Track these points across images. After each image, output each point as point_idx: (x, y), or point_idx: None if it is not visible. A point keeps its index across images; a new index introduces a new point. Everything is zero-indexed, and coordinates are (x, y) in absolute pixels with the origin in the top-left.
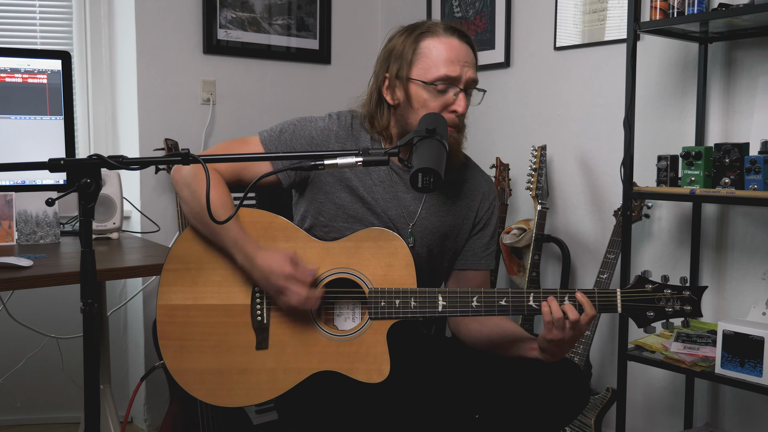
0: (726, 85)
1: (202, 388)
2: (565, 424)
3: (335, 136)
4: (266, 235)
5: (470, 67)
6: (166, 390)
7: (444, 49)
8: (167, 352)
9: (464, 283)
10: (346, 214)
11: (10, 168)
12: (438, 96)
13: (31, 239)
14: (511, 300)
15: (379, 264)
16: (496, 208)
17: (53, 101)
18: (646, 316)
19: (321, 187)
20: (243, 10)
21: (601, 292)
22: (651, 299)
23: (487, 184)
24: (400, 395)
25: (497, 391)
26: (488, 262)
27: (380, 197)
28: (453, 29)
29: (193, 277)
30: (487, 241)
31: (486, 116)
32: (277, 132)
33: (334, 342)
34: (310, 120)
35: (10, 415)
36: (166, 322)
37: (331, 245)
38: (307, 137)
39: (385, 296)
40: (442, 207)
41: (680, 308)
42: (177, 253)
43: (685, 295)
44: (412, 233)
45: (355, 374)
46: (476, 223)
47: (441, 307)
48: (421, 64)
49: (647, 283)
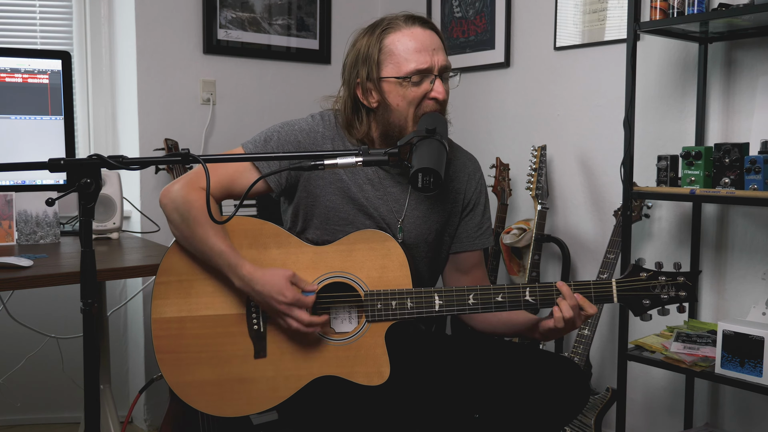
0: (726, 85)
1: (203, 400)
2: (565, 423)
3: (321, 136)
4: (257, 242)
5: (439, 53)
6: (166, 390)
7: (409, 41)
8: (165, 365)
9: (460, 264)
10: (337, 217)
11: (10, 168)
12: (413, 88)
13: (31, 239)
14: (507, 296)
15: (373, 266)
16: (484, 186)
17: (54, 101)
18: (642, 304)
19: (311, 191)
20: (243, 10)
21: (597, 283)
22: (646, 287)
23: (471, 164)
24: (400, 395)
25: (497, 390)
26: (483, 241)
27: (371, 195)
28: (413, 18)
29: (186, 288)
30: (479, 220)
31: (486, 116)
32: (262, 141)
33: (332, 346)
34: (293, 123)
35: (10, 415)
36: (161, 336)
37: (324, 249)
38: (293, 141)
39: (381, 298)
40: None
41: (675, 294)
42: (168, 265)
43: (679, 281)
44: (401, 228)
45: (355, 378)
46: (465, 205)
47: (438, 306)
48: (390, 62)
49: (642, 271)
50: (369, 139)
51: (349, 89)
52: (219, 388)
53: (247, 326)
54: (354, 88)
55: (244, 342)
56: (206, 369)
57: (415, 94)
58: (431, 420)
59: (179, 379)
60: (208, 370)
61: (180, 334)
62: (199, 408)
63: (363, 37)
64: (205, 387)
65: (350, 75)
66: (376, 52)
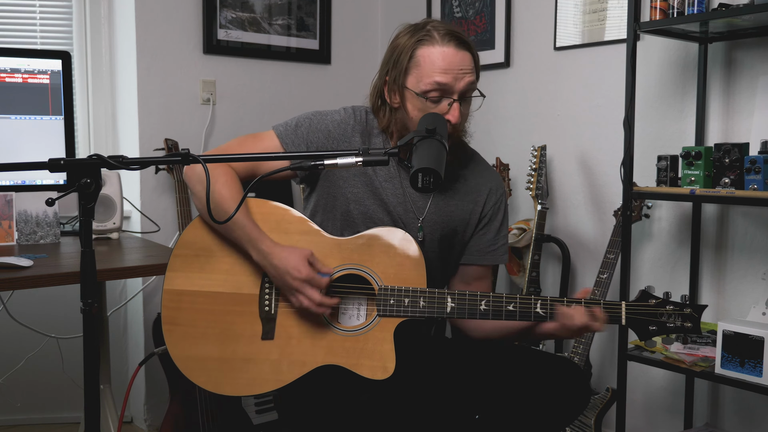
0: (726, 85)
1: (204, 376)
2: (566, 424)
3: (352, 129)
4: (279, 228)
5: (466, 75)
6: (166, 390)
7: (438, 59)
8: (171, 337)
9: (465, 277)
10: (357, 210)
11: (10, 168)
12: (431, 105)
13: (31, 239)
14: (519, 306)
15: (390, 263)
16: (505, 204)
17: (54, 101)
18: (648, 329)
19: (334, 182)
20: (243, 10)
21: (607, 304)
22: (653, 314)
23: (494, 181)
24: (400, 395)
25: (497, 391)
26: (493, 257)
27: (390, 193)
28: (451, 34)
29: (202, 263)
30: (493, 236)
31: (486, 116)
32: (293, 126)
33: (340, 337)
34: (325, 114)
35: (10, 415)
36: (171, 308)
37: (344, 241)
38: (324, 130)
39: (394, 294)
40: (450, 201)
41: (681, 324)
42: (187, 238)
43: (686, 312)
44: (421, 228)
45: (360, 370)
46: (482, 218)
47: (449, 309)
48: (414, 74)
49: (651, 297)
50: (389, 132)
51: (380, 81)
52: (222, 365)
53: (259, 307)
54: (383, 84)
55: (254, 322)
56: (212, 345)
57: (432, 110)
58: (432, 420)
59: (183, 352)
60: (213, 346)
61: (190, 308)
62: (199, 383)
63: (404, 35)
64: (208, 362)
65: (383, 70)
66: (406, 59)
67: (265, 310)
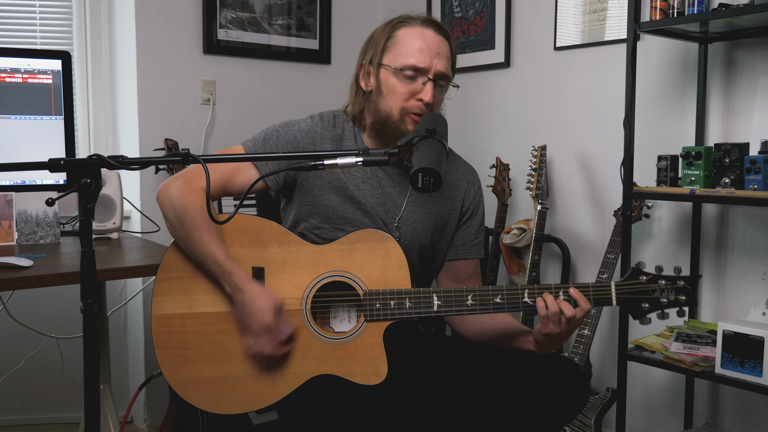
0: (726, 85)
1: (201, 397)
2: (565, 423)
3: (320, 136)
4: (258, 240)
5: (441, 59)
6: (166, 390)
7: (417, 39)
8: (165, 361)
9: (456, 273)
10: (336, 216)
11: (10, 168)
12: (406, 83)
13: (31, 239)
14: (506, 297)
15: (372, 266)
16: (482, 198)
17: (54, 101)
18: (641, 307)
19: (309, 190)
20: (243, 10)
21: (596, 286)
22: (645, 291)
23: (471, 174)
24: (399, 395)
25: (497, 390)
26: (478, 251)
27: (368, 194)
28: (430, 21)
29: (186, 285)
30: (476, 230)
31: (486, 116)
32: (261, 140)
33: (330, 345)
34: (292, 124)
35: (10, 415)
36: (161, 332)
37: (324, 248)
38: (292, 141)
39: (379, 298)
40: (427, 199)
41: (675, 298)
42: (168, 262)
43: (679, 285)
44: (398, 227)
45: (353, 377)
46: (463, 213)
47: (436, 307)
48: (392, 51)
49: (641, 274)
50: (362, 122)
51: (356, 72)
52: (217, 385)
53: None
54: (358, 70)
55: (243, 339)
56: (205, 366)
57: (405, 89)
58: (431, 420)
59: (178, 375)
60: (206, 366)
61: (180, 331)
62: (197, 405)
63: (381, 26)
64: (203, 384)
65: (359, 58)
66: (384, 38)
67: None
